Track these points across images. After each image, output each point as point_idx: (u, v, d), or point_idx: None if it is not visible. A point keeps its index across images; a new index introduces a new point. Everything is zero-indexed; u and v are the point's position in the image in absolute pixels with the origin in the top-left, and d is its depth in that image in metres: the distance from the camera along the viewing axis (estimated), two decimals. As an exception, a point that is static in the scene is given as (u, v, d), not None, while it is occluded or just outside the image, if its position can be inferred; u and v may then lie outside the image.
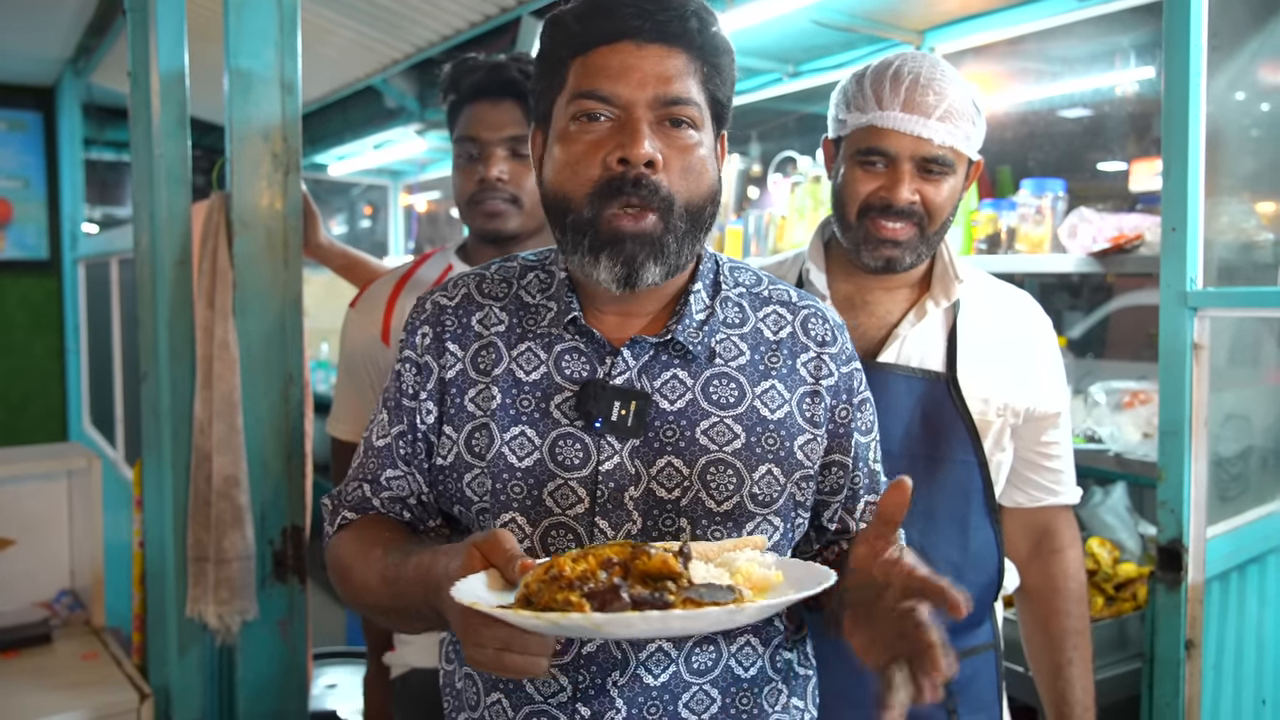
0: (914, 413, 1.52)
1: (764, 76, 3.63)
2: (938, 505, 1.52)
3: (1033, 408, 1.57)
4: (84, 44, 4.88)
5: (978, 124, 1.51)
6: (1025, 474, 1.64)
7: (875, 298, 1.58)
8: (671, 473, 1.13)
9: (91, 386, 5.30)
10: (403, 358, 1.24)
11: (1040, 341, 1.61)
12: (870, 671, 0.95)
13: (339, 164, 6.35)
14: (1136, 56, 2.97)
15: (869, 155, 1.50)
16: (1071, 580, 1.64)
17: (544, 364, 1.16)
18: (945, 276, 1.57)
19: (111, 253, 4.22)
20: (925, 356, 1.54)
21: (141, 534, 2.38)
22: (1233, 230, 2.17)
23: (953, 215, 1.53)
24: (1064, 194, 2.60)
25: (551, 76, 1.12)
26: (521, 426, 1.14)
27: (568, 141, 1.09)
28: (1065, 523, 1.67)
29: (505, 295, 1.23)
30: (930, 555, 1.47)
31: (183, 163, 2.21)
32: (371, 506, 1.25)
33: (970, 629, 1.57)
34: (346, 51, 4.00)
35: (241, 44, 1.99)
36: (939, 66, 1.49)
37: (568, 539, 1.12)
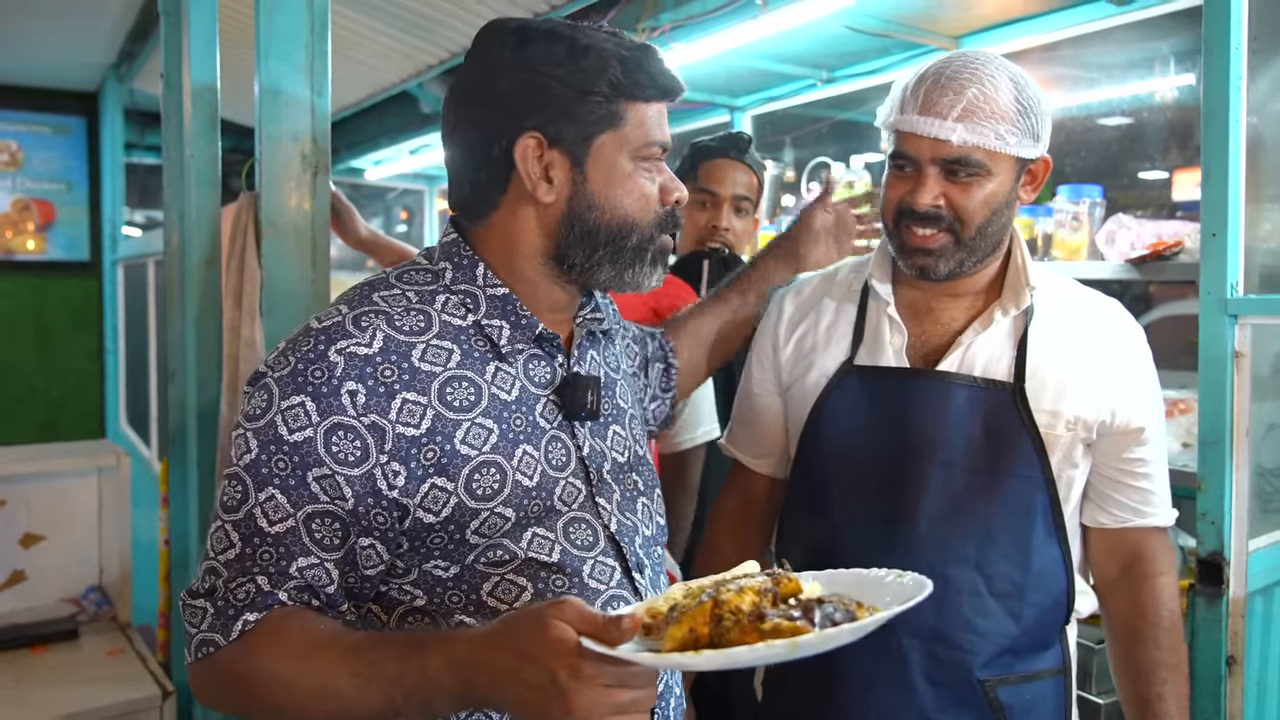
0: (975, 424, 1.45)
1: (798, 82, 3.61)
2: (997, 522, 1.45)
3: (1109, 421, 1.48)
4: (126, 50, 4.97)
5: (1024, 120, 1.41)
6: (1107, 492, 1.53)
7: (940, 304, 1.53)
8: (617, 438, 1.31)
9: (128, 386, 5.39)
10: (309, 424, 1.07)
11: (1123, 352, 1.51)
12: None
13: (375, 169, 6.40)
14: (1176, 63, 2.92)
15: (896, 160, 1.46)
16: (1163, 609, 1.52)
17: (516, 378, 1.19)
18: (1016, 283, 1.49)
19: (149, 254, 4.29)
20: (990, 365, 1.47)
21: (167, 532, 2.40)
22: (1275, 236, 2.11)
23: (998, 219, 1.45)
24: (1101, 200, 2.55)
25: (593, 109, 1.17)
26: (523, 446, 1.17)
27: (632, 178, 1.21)
28: (1158, 546, 1.55)
29: (429, 326, 1.16)
30: (987, 571, 1.44)
31: (213, 164, 2.23)
32: (276, 601, 1.07)
33: (1034, 652, 1.48)
34: (381, 57, 4.03)
35: (272, 47, 2.00)
36: (972, 64, 1.42)
37: (585, 531, 1.21)
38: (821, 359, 1.56)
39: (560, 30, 1.17)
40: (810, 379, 1.56)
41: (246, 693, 1.06)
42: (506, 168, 1.18)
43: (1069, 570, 1.49)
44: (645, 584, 1.27)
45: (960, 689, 1.43)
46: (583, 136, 1.17)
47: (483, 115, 1.17)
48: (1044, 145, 1.47)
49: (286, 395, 1.08)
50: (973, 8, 2.78)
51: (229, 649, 1.06)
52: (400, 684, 0.99)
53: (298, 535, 1.08)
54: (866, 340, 1.54)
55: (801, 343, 1.60)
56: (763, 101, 3.91)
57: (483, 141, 1.18)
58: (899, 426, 1.47)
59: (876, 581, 1.05)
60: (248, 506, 1.08)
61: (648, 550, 1.30)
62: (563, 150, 1.17)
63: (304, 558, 1.08)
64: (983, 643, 1.43)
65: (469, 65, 1.21)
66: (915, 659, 1.43)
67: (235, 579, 1.07)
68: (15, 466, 2.59)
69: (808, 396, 1.56)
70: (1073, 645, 1.56)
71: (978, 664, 1.43)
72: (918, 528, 1.44)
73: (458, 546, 1.14)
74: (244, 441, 1.10)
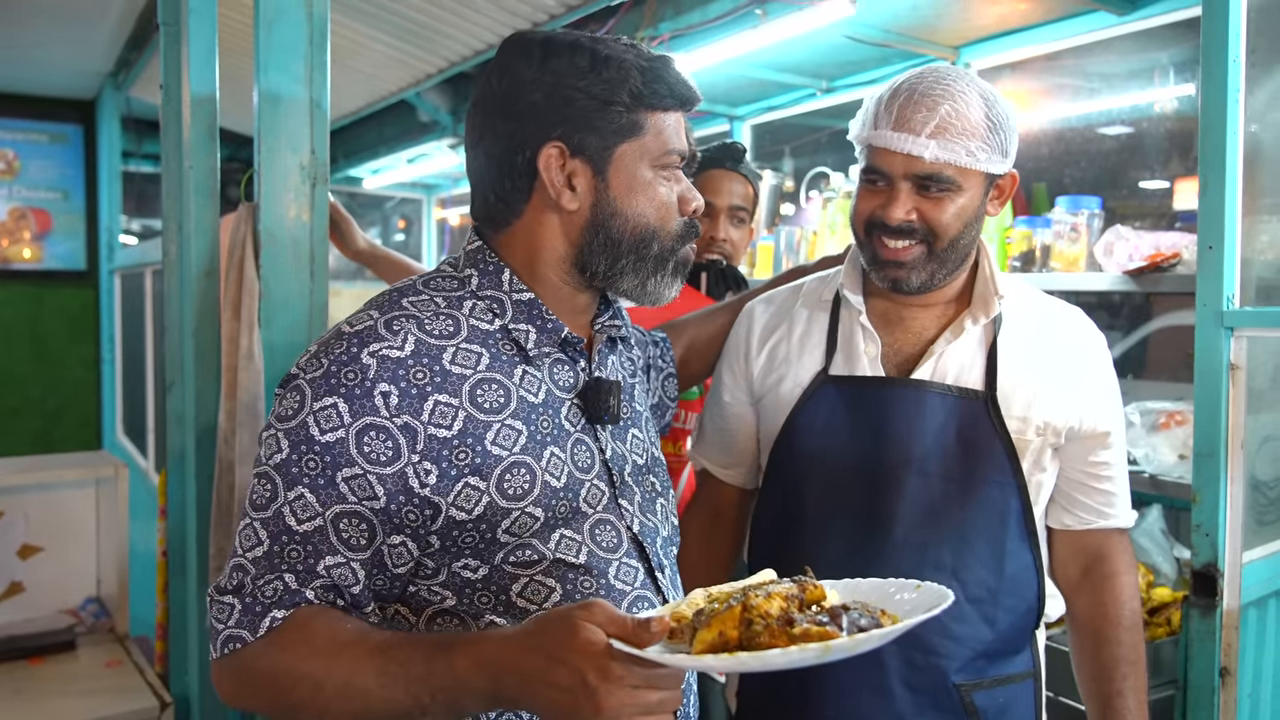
0: (948, 431, 1.48)
1: (797, 92, 3.62)
2: (972, 528, 1.48)
3: (1077, 426, 1.51)
4: (124, 58, 4.97)
5: (993, 138, 1.44)
6: (1073, 495, 1.57)
7: (911, 314, 1.55)
8: (636, 441, 1.34)
9: (125, 396, 5.38)
10: (341, 425, 1.09)
11: (1088, 358, 1.55)
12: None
13: (373, 178, 6.41)
14: (1176, 73, 2.92)
15: (869, 174, 1.49)
16: (1124, 607, 1.56)
17: (543, 382, 1.22)
18: (985, 292, 1.52)
19: (146, 264, 4.28)
20: (962, 374, 1.50)
21: (165, 543, 2.40)
22: (1272, 249, 2.11)
23: (969, 232, 1.48)
24: (1100, 211, 2.56)
25: (615, 119, 1.20)
26: (550, 448, 1.19)
27: (653, 187, 1.24)
28: (1118, 547, 1.59)
29: (459, 330, 1.18)
30: (963, 577, 1.46)
31: (211, 175, 2.23)
32: (303, 599, 1.09)
33: (1007, 656, 1.52)
34: (380, 66, 4.04)
35: (271, 58, 2.00)
36: (944, 81, 1.43)
37: (610, 533, 1.23)
38: (795, 369, 1.58)
39: (583, 42, 1.20)
40: (784, 389, 1.57)
41: (272, 689, 1.07)
42: (530, 176, 1.20)
43: (1040, 574, 1.52)
44: (667, 584, 1.30)
45: (936, 694, 1.46)
46: (604, 146, 1.20)
47: (508, 125, 1.20)
48: (1011, 160, 1.50)
49: (319, 396, 1.10)
50: (972, 18, 2.79)
51: (255, 645, 1.07)
52: (428, 683, 1.00)
53: (325, 534, 1.09)
54: (840, 349, 1.55)
55: (774, 353, 1.61)
56: (762, 111, 3.92)
57: (507, 151, 1.20)
58: (875, 435, 1.49)
59: (895, 591, 1.08)
60: (276, 505, 1.10)
61: (666, 551, 1.33)
62: (585, 159, 1.20)
63: (331, 556, 1.09)
64: (958, 648, 1.46)
65: (494, 76, 1.23)
66: (893, 665, 1.45)
67: (263, 576, 1.09)
68: (13, 478, 2.59)
69: (781, 406, 1.57)
70: (1042, 649, 1.59)
71: (953, 669, 1.46)
72: (894, 535, 1.46)
73: (488, 545, 1.15)
74: (275, 441, 1.11)
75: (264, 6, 1.97)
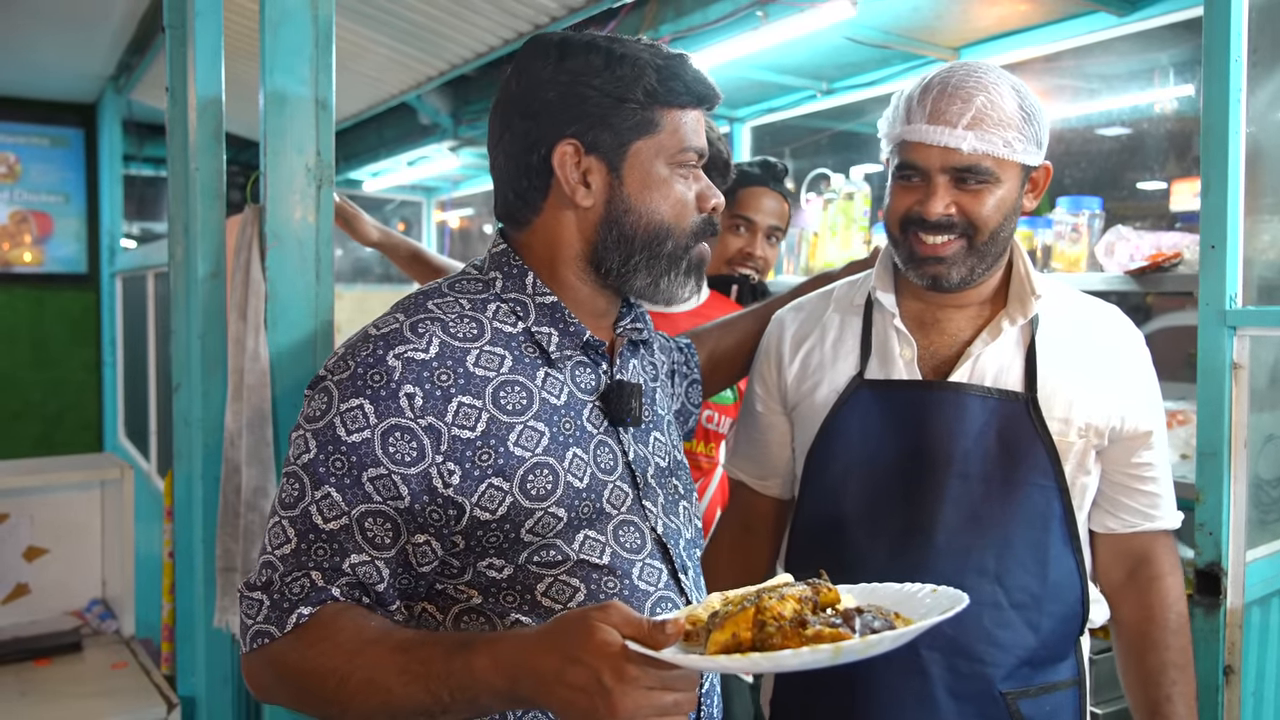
0: (989, 434, 1.45)
1: (797, 94, 3.63)
2: (1014, 531, 1.44)
3: (1119, 427, 1.48)
4: (125, 62, 4.98)
5: (1027, 129, 1.42)
6: (1117, 497, 1.54)
7: (946, 315, 1.52)
8: (658, 444, 1.34)
9: (126, 399, 5.38)
10: (367, 426, 1.11)
11: (1127, 357, 1.52)
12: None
13: (373, 180, 6.41)
14: (1176, 74, 2.93)
15: (903, 170, 1.46)
16: (1170, 610, 1.52)
17: (565, 384, 1.23)
18: (1021, 292, 1.50)
19: (148, 266, 4.28)
20: (1000, 375, 1.47)
21: (172, 544, 2.40)
22: (1274, 248, 2.12)
23: (1007, 225, 1.46)
24: (1100, 212, 2.56)
25: (629, 116, 1.21)
26: (573, 449, 1.20)
27: (668, 184, 1.24)
28: (1164, 549, 1.55)
29: (482, 333, 1.20)
30: (1006, 583, 1.43)
31: (218, 177, 2.24)
32: (329, 596, 1.11)
33: (1050, 663, 1.48)
34: (381, 68, 4.04)
35: (277, 61, 2.00)
36: (976, 73, 1.43)
37: (634, 534, 1.24)
38: (830, 374, 1.55)
39: (599, 42, 1.22)
40: (819, 395, 1.55)
41: (299, 684, 1.09)
42: (547, 174, 1.22)
43: (1083, 580, 1.49)
44: (690, 585, 1.30)
45: (982, 702, 1.43)
46: (619, 143, 1.22)
47: (524, 124, 1.22)
48: (1044, 152, 1.49)
49: (346, 398, 1.12)
50: (972, 19, 2.80)
51: (283, 641, 1.10)
52: (447, 682, 1.02)
53: (351, 533, 1.11)
54: (875, 353, 1.53)
55: (808, 359, 1.59)
56: (763, 112, 3.92)
57: (524, 149, 1.22)
58: (914, 439, 1.47)
59: (910, 595, 1.08)
60: (304, 504, 1.12)
61: (690, 553, 1.34)
62: (600, 156, 1.21)
63: (356, 555, 1.12)
64: (1003, 655, 1.43)
65: (513, 77, 1.25)
66: (937, 673, 1.43)
67: (290, 573, 1.11)
68: (18, 480, 2.59)
69: (817, 413, 1.55)
70: (1086, 656, 1.55)
71: (999, 676, 1.43)
72: (936, 540, 1.44)
73: (512, 545, 1.17)
74: (303, 442, 1.14)
75: (269, 9, 1.98)
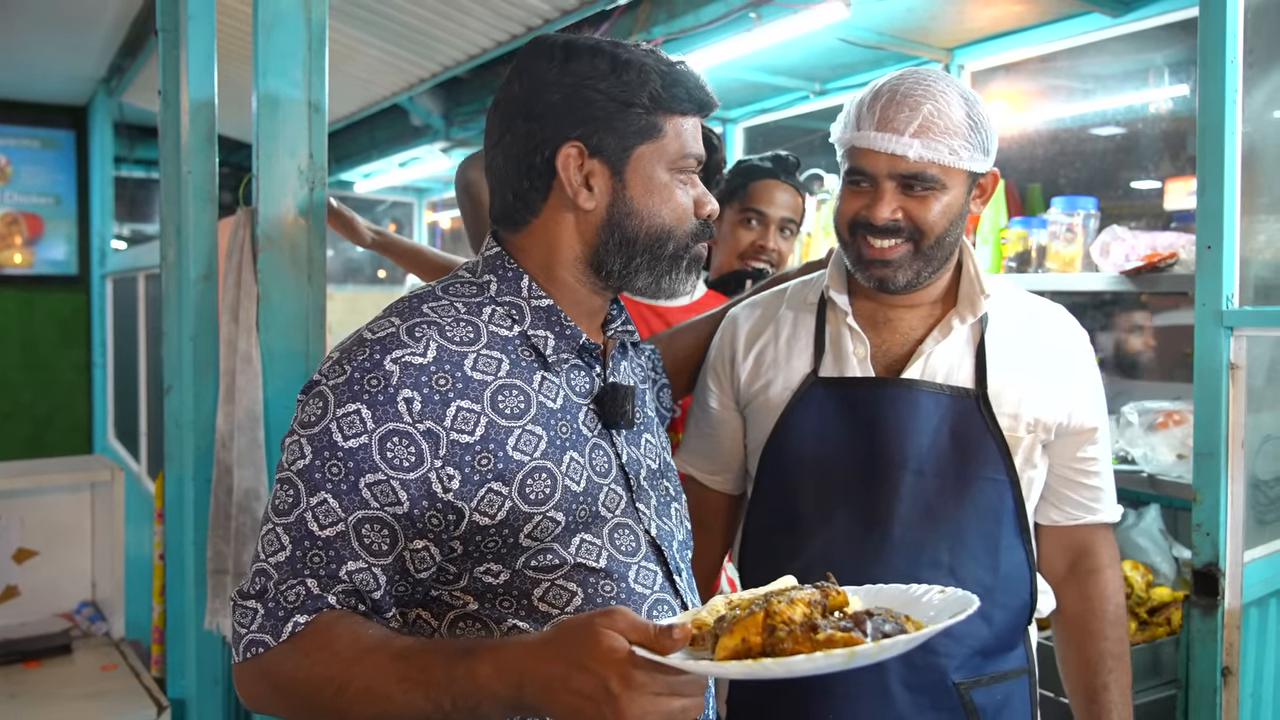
0: (942, 430, 1.49)
1: (791, 95, 3.63)
2: (968, 525, 1.48)
3: (1066, 423, 1.53)
4: (116, 64, 4.96)
5: (974, 136, 1.46)
6: (1062, 491, 1.59)
7: (898, 314, 1.56)
8: (649, 446, 1.35)
9: (116, 400, 5.36)
10: (364, 431, 1.10)
11: (1073, 354, 1.57)
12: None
13: (365, 181, 6.40)
14: (1170, 74, 2.94)
15: (852, 175, 1.50)
16: (1109, 602, 1.58)
17: (560, 388, 1.23)
18: (971, 292, 1.54)
19: (139, 268, 4.27)
20: (951, 372, 1.51)
21: (162, 546, 2.39)
22: (1270, 248, 2.12)
23: (954, 230, 1.50)
24: (1095, 212, 2.57)
25: (634, 121, 1.22)
26: (569, 453, 1.20)
27: (669, 189, 1.25)
28: (1104, 542, 1.61)
29: (479, 337, 1.19)
30: (960, 575, 1.46)
31: (210, 180, 2.23)
32: (326, 604, 1.09)
33: (1002, 653, 1.52)
34: (373, 70, 4.03)
35: (270, 63, 2.00)
36: (925, 81, 1.45)
37: (629, 537, 1.24)
38: (784, 372, 1.58)
39: (604, 46, 1.22)
40: (773, 392, 1.57)
41: (295, 694, 1.08)
42: (549, 176, 1.22)
43: (1032, 571, 1.53)
44: (684, 587, 1.30)
45: (936, 693, 1.46)
46: (623, 147, 1.22)
47: (527, 126, 1.21)
48: (992, 159, 1.51)
49: (342, 403, 1.11)
50: (966, 20, 2.80)
51: (278, 650, 1.08)
52: (449, 690, 1.00)
53: (347, 540, 1.10)
54: (829, 351, 1.56)
55: (761, 357, 1.61)
56: (756, 113, 3.93)
57: (527, 150, 1.22)
58: (869, 435, 1.49)
59: (916, 597, 1.08)
60: (299, 510, 1.10)
61: (683, 555, 1.34)
62: (603, 160, 1.21)
63: (353, 562, 1.10)
64: (956, 646, 1.46)
65: (515, 78, 1.24)
66: (893, 666, 1.45)
67: (285, 581, 1.09)
68: (8, 482, 2.58)
69: (771, 410, 1.57)
70: (1034, 645, 1.59)
71: (952, 667, 1.46)
72: (893, 534, 1.46)
73: (510, 550, 1.16)
74: (298, 447, 1.12)
75: (263, 12, 1.97)
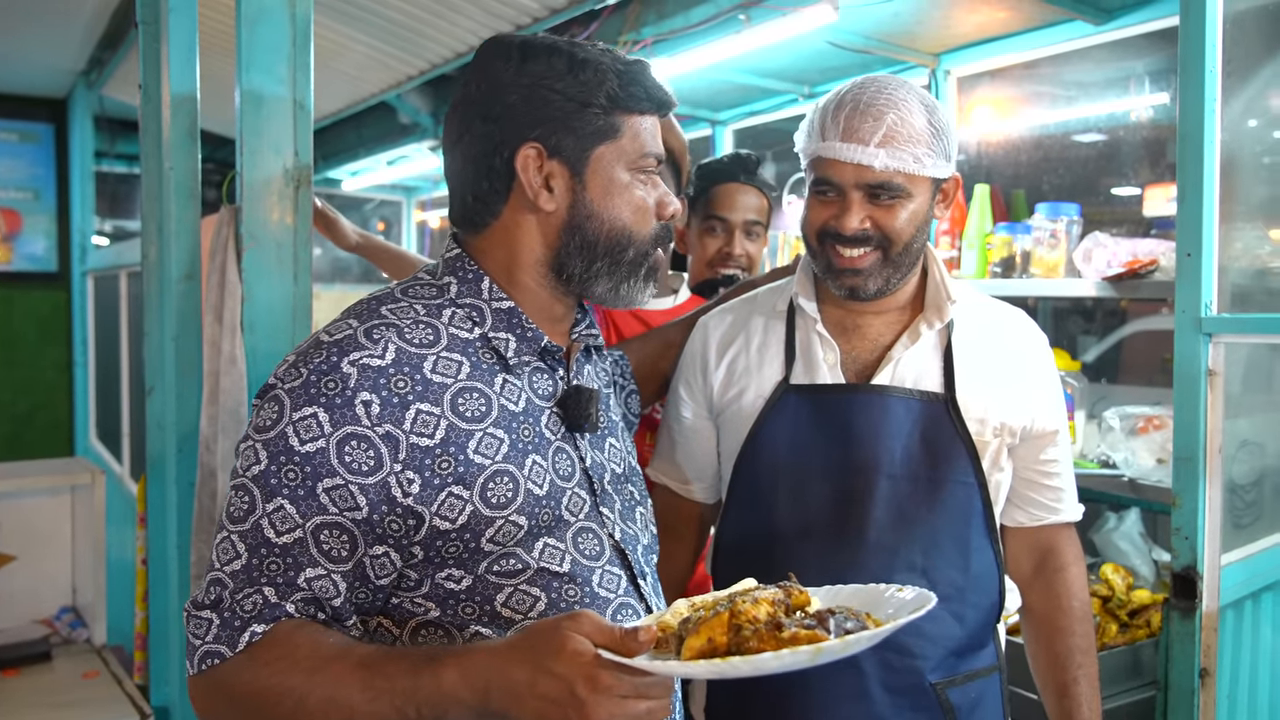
0: (913, 435, 1.51)
1: (780, 97, 3.64)
2: (939, 527, 1.51)
3: (1030, 426, 1.56)
4: (96, 56, 4.91)
5: (936, 144, 1.47)
6: (1025, 493, 1.62)
7: (866, 321, 1.57)
8: (614, 450, 1.34)
9: (98, 400, 5.31)
10: (321, 435, 1.08)
11: (1035, 359, 1.60)
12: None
13: (352, 179, 6.37)
14: (1151, 82, 2.96)
15: (819, 185, 1.50)
16: (1075, 599, 1.62)
17: (522, 391, 1.22)
18: (938, 298, 1.56)
19: (121, 266, 4.23)
20: (920, 378, 1.53)
21: (145, 551, 2.37)
22: (1246, 256, 2.15)
23: (920, 236, 1.52)
24: (1079, 218, 2.59)
25: (591, 121, 1.21)
26: (532, 456, 1.19)
27: (629, 189, 1.24)
28: (1067, 540, 1.65)
29: (439, 339, 1.18)
30: (934, 578, 1.49)
31: (193, 176, 2.21)
32: (284, 613, 1.07)
33: (974, 651, 1.55)
34: (361, 67, 4.01)
35: (254, 58, 1.98)
36: (886, 90, 1.46)
37: (593, 540, 1.23)
38: (757, 380, 1.59)
39: (560, 46, 1.21)
40: (746, 400, 1.58)
41: (252, 706, 1.05)
42: (508, 177, 1.21)
43: (1000, 570, 1.56)
44: (649, 591, 1.30)
45: (914, 694, 1.48)
46: (582, 148, 1.21)
47: (486, 127, 1.20)
48: (953, 164, 1.53)
49: (298, 406, 1.09)
50: (952, 26, 2.82)
51: (235, 661, 1.05)
52: (414, 697, 0.99)
53: (305, 546, 1.08)
54: (800, 358, 1.57)
55: (734, 365, 1.62)
56: (744, 116, 3.93)
57: (485, 152, 1.21)
58: (842, 441, 1.51)
59: (876, 595, 1.10)
60: (255, 517, 1.08)
61: (647, 559, 1.34)
62: (562, 160, 1.21)
63: (312, 569, 1.08)
64: (932, 647, 1.49)
65: (473, 79, 1.23)
66: (871, 670, 1.47)
67: (242, 590, 1.07)
68: (-14, 484, 2.55)
69: (744, 418, 1.58)
70: (1003, 642, 1.63)
71: (928, 668, 1.49)
72: (868, 539, 1.48)
73: (472, 555, 1.15)
74: (253, 453, 1.10)
75: (246, 6, 1.95)
